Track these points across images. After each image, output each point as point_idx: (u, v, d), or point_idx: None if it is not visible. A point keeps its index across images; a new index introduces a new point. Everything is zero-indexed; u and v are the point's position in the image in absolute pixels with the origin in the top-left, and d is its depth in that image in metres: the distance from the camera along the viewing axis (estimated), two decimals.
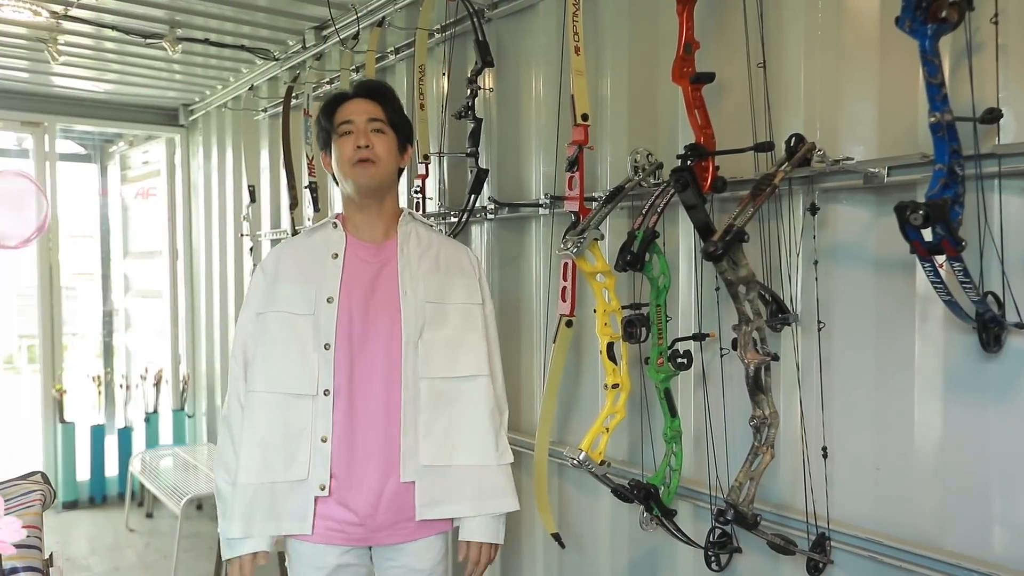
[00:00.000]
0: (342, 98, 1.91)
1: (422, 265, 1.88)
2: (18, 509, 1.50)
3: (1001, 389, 1.47)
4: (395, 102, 1.93)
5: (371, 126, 1.85)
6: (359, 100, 1.89)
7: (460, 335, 1.89)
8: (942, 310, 1.50)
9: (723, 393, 1.92)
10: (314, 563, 1.84)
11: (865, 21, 1.67)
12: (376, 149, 1.83)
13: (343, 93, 1.94)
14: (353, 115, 1.85)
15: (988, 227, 1.44)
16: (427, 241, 1.94)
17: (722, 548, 1.86)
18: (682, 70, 1.74)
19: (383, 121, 1.87)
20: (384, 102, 1.90)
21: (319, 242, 1.89)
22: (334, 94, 1.97)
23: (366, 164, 1.82)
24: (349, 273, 1.85)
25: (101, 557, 4.26)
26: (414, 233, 1.93)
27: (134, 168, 6.05)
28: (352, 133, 1.84)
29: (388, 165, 1.87)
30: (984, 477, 1.51)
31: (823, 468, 1.73)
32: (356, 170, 1.82)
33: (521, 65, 2.61)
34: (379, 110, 1.88)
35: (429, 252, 1.91)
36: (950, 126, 1.27)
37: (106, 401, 5.41)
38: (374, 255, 1.88)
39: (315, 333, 1.81)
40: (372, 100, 1.89)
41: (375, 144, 1.84)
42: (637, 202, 2.07)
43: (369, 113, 1.86)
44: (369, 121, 1.85)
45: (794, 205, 1.75)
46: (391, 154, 1.88)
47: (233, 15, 3.47)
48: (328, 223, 1.92)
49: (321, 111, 1.94)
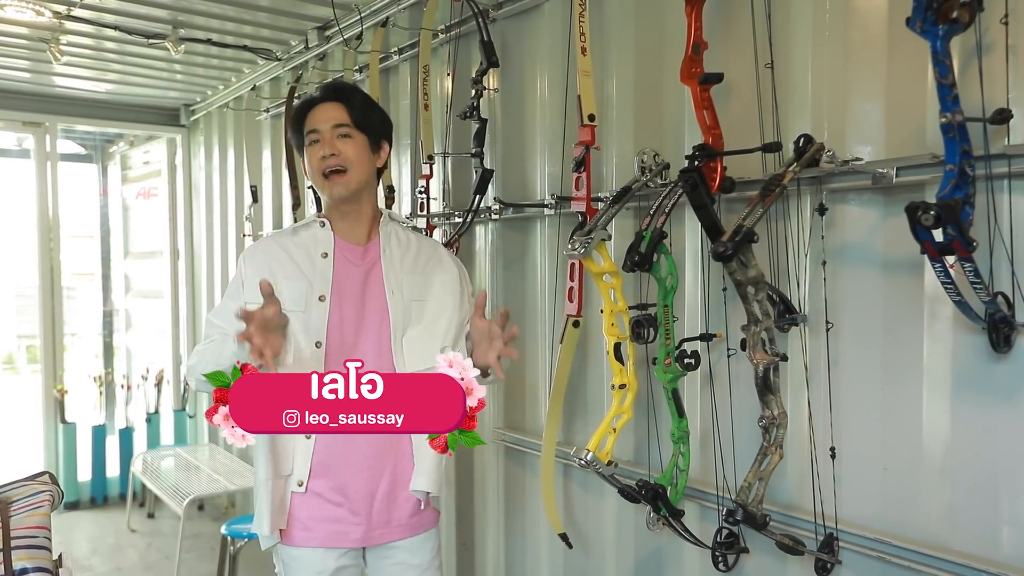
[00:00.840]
0: (308, 105, 1.87)
1: (404, 264, 1.89)
2: (27, 510, 1.49)
3: (1011, 389, 1.47)
4: (360, 101, 1.87)
5: (337, 132, 1.81)
6: (324, 105, 1.84)
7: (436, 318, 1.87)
8: (951, 310, 1.50)
9: (730, 393, 1.92)
10: (314, 568, 1.83)
11: (873, 21, 1.67)
12: (345, 155, 1.80)
13: (310, 99, 1.89)
14: (318, 123, 1.82)
15: (998, 227, 1.44)
16: (406, 241, 1.93)
17: (729, 548, 1.86)
18: (691, 71, 1.74)
19: (349, 125, 1.82)
20: (348, 103, 1.84)
21: (307, 240, 1.87)
22: (300, 102, 1.93)
23: (336, 175, 1.80)
24: (339, 273, 1.84)
25: (103, 557, 4.26)
26: (394, 234, 1.92)
27: (135, 168, 6.05)
28: (318, 142, 1.81)
29: (360, 170, 1.83)
30: (993, 477, 1.51)
31: (831, 468, 1.73)
32: (328, 182, 1.80)
33: (526, 65, 2.61)
34: (344, 113, 1.83)
35: (409, 251, 1.91)
36: (961, 127, 1.27)
37: (107, 401, 5.40)
38: (360, 257, 1.87)
39: (305, 331, 1.79)
40: (337, 103, 1.84)
41: (343, 151, 1.80)
42: (643, 202, 2.07)
43: (334, 119, 1.81)
44: (334, 128, 1.81)
45: (802, 205, 1.76)
46: (362, 158, 1.83)
47: (235, 15, 3.46)
48: (315, 222, 1.89)
49: (290, 121, 1.91)
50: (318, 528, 1.81)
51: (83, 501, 5.09)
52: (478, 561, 2.87)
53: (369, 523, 1.83)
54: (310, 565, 1.83)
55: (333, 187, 1.80)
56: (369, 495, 1.82)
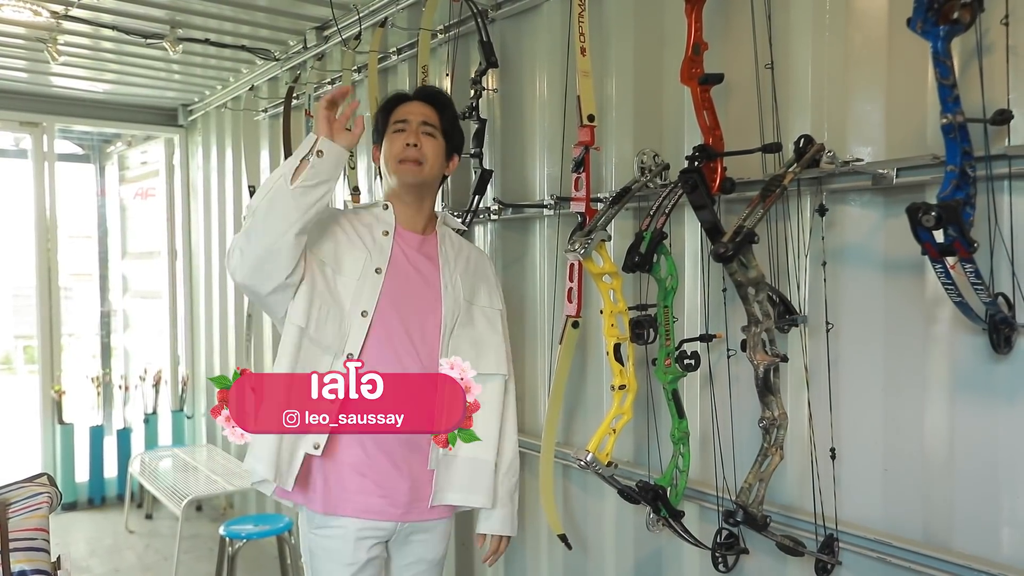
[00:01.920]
0: (402, 99, 2.00)
1: (457, 265, 1.98)
2: (25, 512, 1.49)
3: (1011, 390, 1.47)
4: (451, 111, 2.01)
5: (423, 128, 1.92)
6: (417, 103, 1.97)
7: (485, 336, 1.97)
8: (951, 311, 1.50)
9: (730, 394, 1.92)
10: (343, 560, 1.83)
11: (873, 22, 1.67)
12: (424, 149, 1.91)
13: (404, 94, 2.02)
14: (408, 115, 1.93)
15: (998, 228, 1.44)
16: (458, 244, 2.04)
17: (729, 549, 1.86)
18: (691, 71, 1.74)
19: (435, 127, 1.95)
20: (441, 109, 1.98)
21: (370, 218, 1.94)
22: (394, 94, 2.04)
23: (411, 164, 1.89)
24: (396, 251, 1.91)
25: (101, 559, 4.25)
26: (448, 235, 2.02)
27: (132, 168, 6.04)
28: (404, 131, 1.91)
29: (433, 168, 1.94)
30: (993, 478, 1.51)
31: (831, 469, 1.73)
32: (401, 168, 1.89)
33: (525, 66, 2.61)
34: (434, 115, 1.96)
35: (461, 254, 2.01)
36: (962, 127, 1.27)
37: (105, 402, 5.39)
38: (418, 244, 1.95)
39: (356, 299, 1.83)
40: (430, 105, 1.97)
41: (424, 145, 1.91)
42: (643, 203, 2.07)
43: (424, 116, 1.94)
44: (422, 124, 1.93)
45: (802, 206, 1.75)
46: (438, 157, 1.95)
47: (233, 15, 3.46)
48: (377, 205, 1.97)
49: (380, 107, 2.02)
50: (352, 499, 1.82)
51: (81, 502, 5.08)
52: (478, 561, 2.87)
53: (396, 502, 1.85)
54: (340, 556, 1.83)
55: (405, 172, 1.90)
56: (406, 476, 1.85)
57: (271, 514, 3.71)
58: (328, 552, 1.84)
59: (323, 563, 1.85)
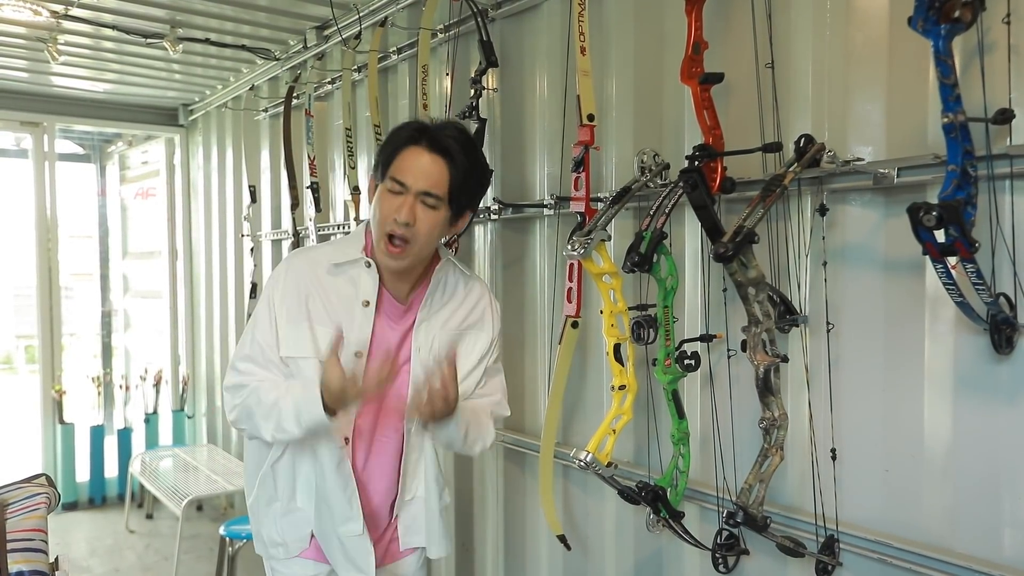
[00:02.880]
0: (409, 140, 1.64)
1: (440, 318, 1.76)
2: (23, 512, 1.48)
3: (1012, 390, 1.46)
4: (464, 164, 1.64)
5: (423, 200, 1.61)
6: (429, 156, 1.62)
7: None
8: (952, 311, 1.49)
9: (730, 394, 1.91)
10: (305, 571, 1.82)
11: (874, 21, 1.66)
12: (417, 226, 1.61)
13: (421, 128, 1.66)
14: (409, 177, 1.61)
15: (1000, 228, 1.43)
16: (452, 289, 1.79)
17: (729, 550, 1.85)
18: (691, 70, 1.73)
19: (439, 197, 1.62)
20: (453, 164, 1.63)
21: (346, 283, 1.70)
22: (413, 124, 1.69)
23: (399, 244, 1.62)
24: (379, 328, 1.71)
25: (101, 558, 4.25)
26: (442, 285, 1.77)
27: (133, 168, 6.04)
28: (400, 195, 1.61)
29: (425, 247, 1.66)
30: (994, 479, 1.50)
31: (832, 470, 1.73)
32: (387, 249, 1.63)
33: (525, 65, 2.60)
34: (443, 178, 1.62)
35: (451, 303, 1.78)
36: (963, 127, 1.26)
37: (105, 402, 5.39)
38: (402, 314, 1.74)
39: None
40: (442, 159, 1.62)
41: (419, 222, 1.61)
42: (643, 203, 2.06)
43: (428, 183, 1.61)
44: (421, 195, 1.61)
45: (803, 206, 1.75)
46: (433, 235, 1.65)
47: (234, 15, 3.46)
48: (360, 261, 1.71)
49: (390, 138, 1.69)
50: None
51: (81, 502, 5.08)
52: (478, 562, 2.86)
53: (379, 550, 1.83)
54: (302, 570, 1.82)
55: (389, 256, 1.64)
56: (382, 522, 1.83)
57: None
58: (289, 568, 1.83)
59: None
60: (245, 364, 1.71)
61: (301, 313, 1.68)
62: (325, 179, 3.64)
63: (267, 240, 4.24)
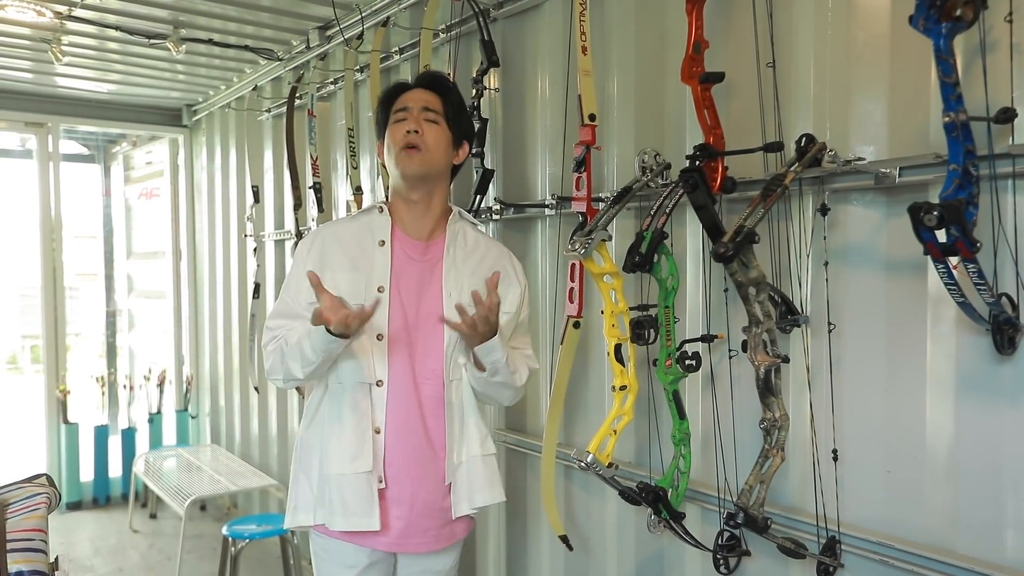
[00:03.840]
0: (402, 88, 1.89)
1: (467, 267, 1.84)
2: (24, 512, 1.49)
3: (1015, 391, 1.46)
4: (455, 96, 1.88)
5: (424, 115, 1.80)
6: (418, 90, 1.86)
7: None
8: (954, 312, 1.49)
9: (732, 395, 1.91)
10: (345, 561, 1.82)
11: (875, 20, 1.65)
12: (425, 136, 1.78)
13: (404, 83, 1.92)
14: (408, 102, 1.82)
15: (1002, 228, 1.43)
16: (473, 243, 1.89)
17: (731, 551, 1.84)
18: (691, 70, 1.73)
19: (438, 112, 1.82)
20: (444, 94, 1.86)
21: (363, 227, 1.84)
22: (394, 84, 1.93)
23: (412, 151, 1.77)
24: (398, 264, 1.80)
25: (104, 558, 4.26)
26: (462, 233, 1.88)
27: (137, 168, 6.05)
28: (404, 120, 1.80)
29: (436, 155, 1.80)
30: (997, 480, 1.49)
31: (833, 471, 1.72)
32: (402, 156, 1.78)
33: (527, 65, 2.60)
34: (436, 101, 1.84)
35: (474, 255, 1.86)
36: (964, 126, 1.26)
37: (110, 402, 5.40)
38: (421, 253, 1.83)
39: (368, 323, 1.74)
40: (431, 91, 1.86)
41: (425, 131, 1.79)
42: (644, 203, 2.06)
43: (425, 102, 1.82)
44: (423, 110, 1.81)
45: (804, 206, 1.74)
46: (441, 144, 1.82)
47: (237, 15, 3.46)
48: (373, 208, 1.86)
49: (380, 99, 1.91)
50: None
51: (85, 501, 5.09)
52: (479, 562, 2.86)
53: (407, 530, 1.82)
54: (342, 558, 1.82)
55: (407, 162, 1.78)
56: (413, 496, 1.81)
57: (274, 514, 3.70)
58: (330, 553, 1.83)
59: (326, 564, 1.85)
60: (276, 320, 1.85)
61: (323, 262, 1.81)
62: (328, 179, 3.65)
63: (270, 240, 4.24)
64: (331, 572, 1.85)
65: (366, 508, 1.76)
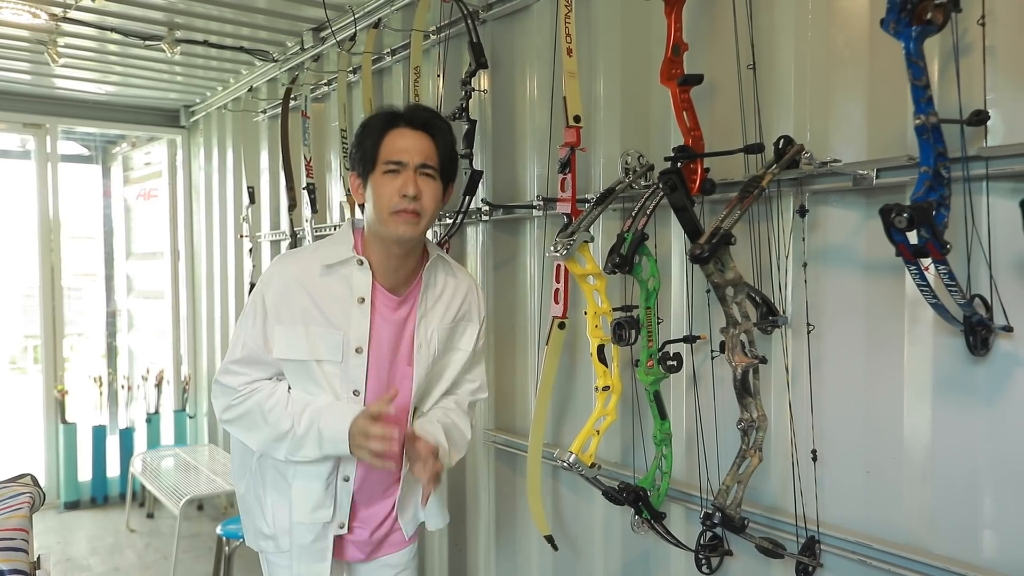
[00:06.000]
0: (392, 122, 1.70)
1: (436, 314, 1.81)
2: (6, 512, 1.50)
3: (989, 392, 1.46)
4: (447, 141, 1.73)
5: (422, 171, 1.66)
6: (412, 134, 1.68)
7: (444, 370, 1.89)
8: (931, 313, 1.49)
9: (714, 396, 1.91)
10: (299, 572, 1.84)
11: (855, 23, 1.66)
12: (423, 200, 1.65)
13: (394, 114, 1.72)
14: (404, 154, 1.65)
15: (976, 230, 1.43)
16: (442, 286, 1.84)
17: (713, 551, 1.85)
18: (670, 72, 1.73)
19: (434, 167, 1.68)
20: (439, 140, 1.71)
21: (339, 282, 1.72)
22: (384, 112, 1.74)
23: (411, 216, 1.64)
24: (375, 321, 1.73)
25: (101, 557, 4.28)
26: (433, 279, 1.82)
27: (136, 169, 6.08)
28: (399, 174, 1.65)
29: (430, 219, 1.70)
30: (973, 480, 1.50)
31: (812, 471, 1.73)
32: (399, 221, 1.64)
33: (516, 67, 2.61)
34: (433, 151, 1.68)
35: (443, 299, 1.83)
36: (935, 128, 1.26)
37: (108, 402, 5.43)
38: (394, 309, 1.76)
39: (343, 380, 1.73)
40: (427, 136, 1.69)
41: (423, 193, 1.65)
42: (629, 204, 2.06)
43: (422, 155, 1.66)
44: (420, 167, 1.66)
45: (783, 207, 1.75)
46: (436, 203, 1.70)
47: (232, 17, 3.48)
48: (352, 260, 1.72)
49: (367, 132, 1.72)
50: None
51: (83, 501, 5.11)
52: (470, 562, 2.87)
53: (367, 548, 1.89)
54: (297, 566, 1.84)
55: (403, 228, 1.65)
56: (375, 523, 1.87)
57: None
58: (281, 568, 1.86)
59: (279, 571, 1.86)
60: (242, 369, 1.75)
61: (295, 316, 1.70)
62: (322, 180, 3.66)
63: (266, 241, 4.26)
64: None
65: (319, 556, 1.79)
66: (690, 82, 1.73)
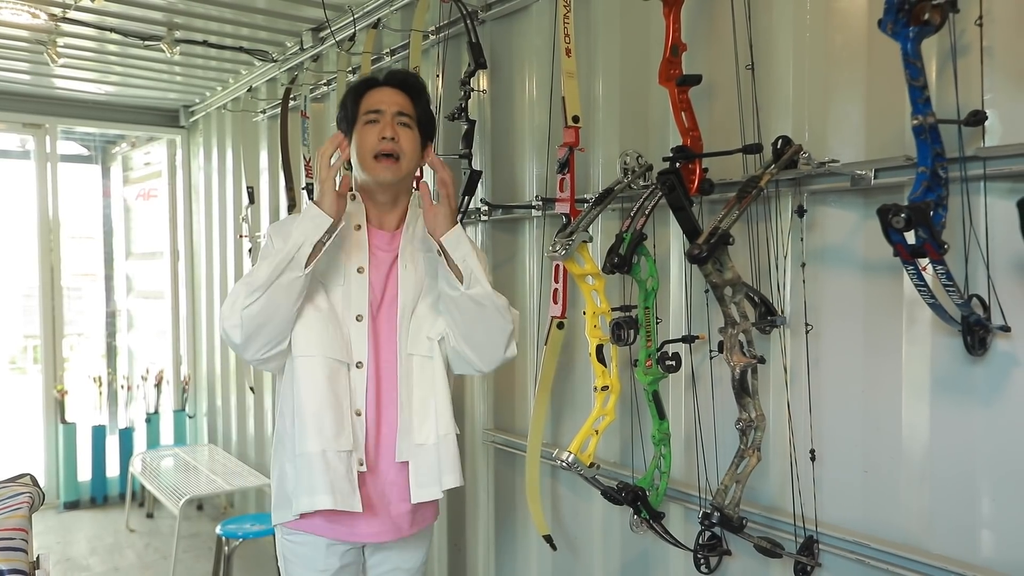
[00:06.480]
0: (371, 84, 1.84)
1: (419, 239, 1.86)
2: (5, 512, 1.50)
3: (987, 392, 1.47)
4: (425, 97, 1.87)
5: (399, 119, 1.78)
6: (389, 89, 1.82)
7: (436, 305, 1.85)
8: (929, 313, 1.49)
9: (713, 395, 1.92)
10: (316, 566, 1.83)
11: (853, 23, 1.66)
12: (401, 143, 1.77)
13: (373, 79, 1.86)
14: (382, 104, 1.78)
15: (973, 230, 1.44)
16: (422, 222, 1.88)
17: (711, 551, 1.85)
18: (668, 72, 1.74)
19: (411, 116, 1.80)
20: (415, 96, 1.83)
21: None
22: (363, 78, 1.89)
23: (389, 160, 1.76)
24: (372, 249, 1.83)
25: (101, 557, 4.28)
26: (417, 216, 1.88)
27: (136, 169, 6.08)
28: (378, 123, 1.77)
29: (411, 162, 1.80)
30: (971, 480, 1.50)
31: (811, 471, 1.73)
32: (378, 165, 1.76)
33: (514, 67, 2.61)
34: (409, 103, 1.81)
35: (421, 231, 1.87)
36: (933, 129, 1.26)
37: (108, 402, 5.43)
38: (388, 243, 1.85)
39: (345, 303, 1.78)
40: (403, 92, 1.82)
41: (400, 137, 1.77)
42: (628, 204, 2.06)
43: (398, 105, 1.79)
44: (397, 114, 1.78)
45: (782, 207, 1.75)
46: (415, 150, 1.81)
47: (232, 17, 3.48)
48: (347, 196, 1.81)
49: (348, 94, 1.85)
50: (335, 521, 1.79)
51: (83, 501, 5.11)
52: (470, 562, 2.87)
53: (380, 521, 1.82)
54: (313, 562, 1.83)
55: (383, 170, 1.76)
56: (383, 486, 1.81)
57: (268, 514, 3.71)
58: (300, 558, 1.84)
59: (296, 568, 1.86)
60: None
61: None
62: None
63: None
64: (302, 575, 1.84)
65: (349, 488, 1.72)
66: (688, 82, 1.73)
